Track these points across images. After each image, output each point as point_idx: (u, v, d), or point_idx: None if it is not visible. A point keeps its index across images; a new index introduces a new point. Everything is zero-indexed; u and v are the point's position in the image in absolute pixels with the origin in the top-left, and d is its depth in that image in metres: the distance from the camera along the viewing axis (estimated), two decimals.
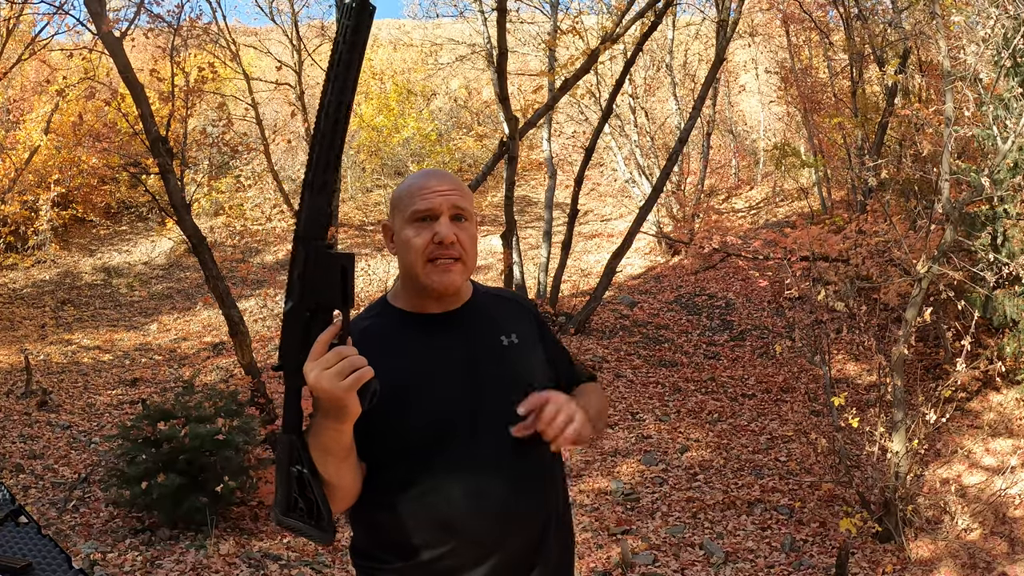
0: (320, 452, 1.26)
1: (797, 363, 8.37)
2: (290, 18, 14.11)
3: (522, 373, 1.47)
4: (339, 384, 1.18)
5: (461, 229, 1.41)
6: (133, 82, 6.06)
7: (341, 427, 1.24)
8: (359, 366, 1.19)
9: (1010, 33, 6.38)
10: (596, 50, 8.32)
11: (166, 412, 5.29)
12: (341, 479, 1.30)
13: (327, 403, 1.20)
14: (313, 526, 1.27)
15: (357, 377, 1.19)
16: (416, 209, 1.40)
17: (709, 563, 5.02)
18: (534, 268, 11.98)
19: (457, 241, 1.40)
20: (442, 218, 1.40)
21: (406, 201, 1.43)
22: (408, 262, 1.42)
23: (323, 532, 1.27)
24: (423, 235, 1.39)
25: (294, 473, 1.27)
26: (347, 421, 1.23)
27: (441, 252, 1.39)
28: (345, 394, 1.19)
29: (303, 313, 1.22)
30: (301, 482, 1.27)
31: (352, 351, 1.21)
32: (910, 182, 8.97)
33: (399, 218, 1.44)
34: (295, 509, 1.29)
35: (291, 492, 1.28)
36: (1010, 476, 5.78)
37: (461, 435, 1.38)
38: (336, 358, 1.19)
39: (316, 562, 4.77)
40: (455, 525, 1.36)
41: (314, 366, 1.19)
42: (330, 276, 1.21)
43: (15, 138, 12.61)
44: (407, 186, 1.45)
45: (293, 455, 1.27)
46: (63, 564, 2.10)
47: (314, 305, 1.22)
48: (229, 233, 14.46)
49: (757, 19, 14.80)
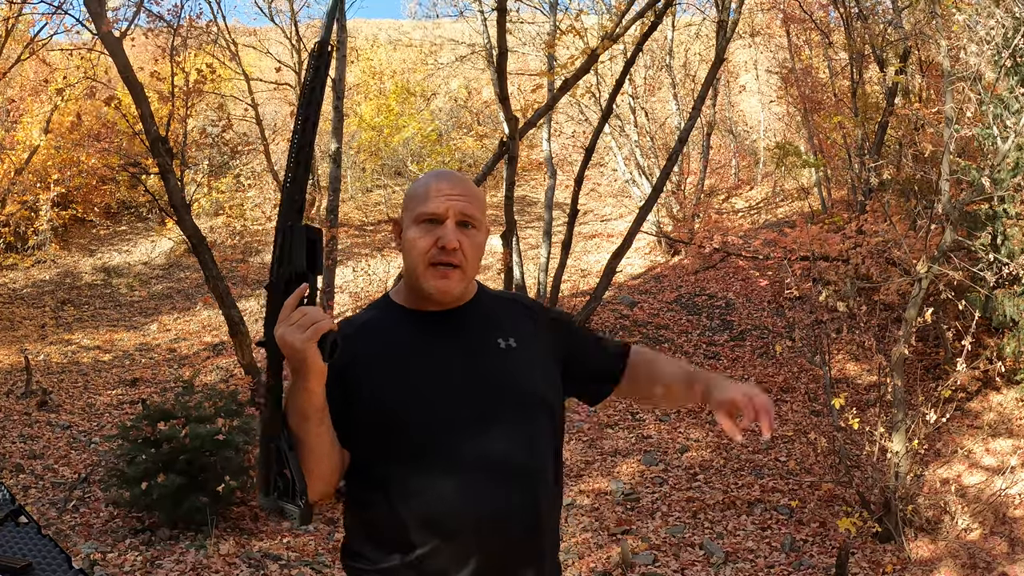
0: (297, 417, 1.29)
1: (797, 363, 8.37)
2: (289, 18, 14.13)
3: (517, 376, 1.47)
4: (299, 336, 1.23)
5: (466, 236, 1.42)
6: (133, 82, 6.06)
7: (309, 386, 1.27)
8: (318, 319, 1.24)
9: (1010, 33, 6.37)
10: (596, 50, 8.32)
11: (166, 412, 5.28)
12: (321, 444, 1.32)
13: (291, 358, 1.25)
14: (289, 502, 1.29)
15: (316, 328, 1.23)
16: (423, 211, 1.41)
17: (709, 563, 5.02)
18: (534, 268, 11.98)
19: (460, 248, 1.40)
20: (448, 223, 1.40)
21: (415, 201, 1.44)
22: (410, 262, 1.43)
23: (298, 509, 1.29)
24: (427, 238, 1.40)
25: (272, 448, 1.30)
26: (313, 377, 1.26)
27: (442, 257, 1.40)
28: (305, 346, 1.23)
29: (280, 286, 1.29)
30: (279, 457, 1.30)
31: (314, 308, 1.26)
32: (910, 182, 8.97)
33: (407, 217, 1.45)
34: (275, 488, 1.31)
35: (270, 468, 1.31)
36: (1010, 476, 5.78)
37: (452, 434, 1.38)
38: (299, 315, 1.25)
39: (316, 562, 4.77)
40: (444, 525, 1.35)
41: (279, 325, 1.26)
42: (300, 249, 1.30)
43: (15, 138, 12.61)
44: (420, 185, 1.46)
45: (269, 428, 1.31)
46: (63, 564, 2.10)
47: (288, 276, 1.29)
48: (229, 233, 14.46)
49: (758, 19, 14.80)
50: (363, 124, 15.58)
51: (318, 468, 1.33)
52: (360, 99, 16.20)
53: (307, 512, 1.30)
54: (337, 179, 9.66)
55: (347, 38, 9.40)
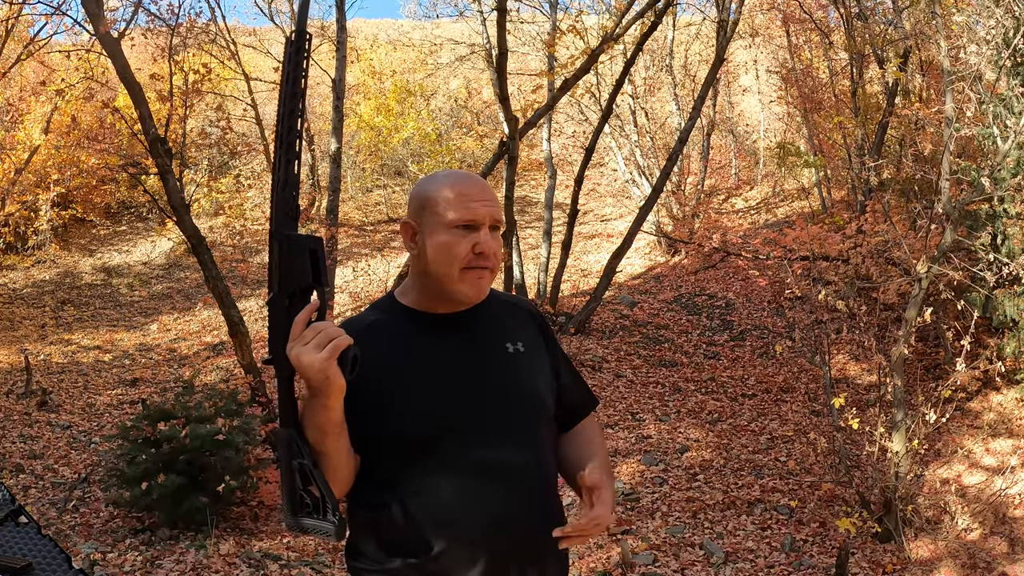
0: (316, 432, 1.28)
1: (797, 363, 8.37)
2: (289, 18, 14.12)
3: (524, 381, 1.48)
4: (318, 356, 1.21)
5: (494, 239, 1.44)
6: (131, 83, 6.05)
7: (329, 403, 1.25)
8: (335, 336, 1.22)
9: (1010, 33, 6.37)
10: (596, 50, 8.32)
11: (166, 412, 5.28)
12: (339, 455, 1.32)
13: (311, 379, 1.23)
14: (322, 520, 1.28)
15: (334, 346, 1.21)
16: (460, 217, 1.40)
17: (709, 563, 5.02)
18: (534, 268, 11.98)
19: (491, 252, 1.42)
20: (483, 229, 1.41)
21: (445, 205, 1.41)
22: (440, 266, 1.41)
23: (332, 525, 1.27)
24: (463, 244, 1.40)
25: (295, 467, 1.28)
26: (334, 395, 1.24)
27: (479, 262, 1.41)
28: (325, 365, 1.21)
29: (283, 301, 1.26)
30: (304, 476, 1.28)
31: (328, 324, 1.24)
32: (910, 182, 8.97)
33: (433, 221, 1.42)
34: (302, 507, 1.29)
35: (295, 489, 1.29)
36: (1010, 476, 5.78)
37: (459, 437, 1.38)
38: (313, 333, 1.22)
39: (316, 562, 4.77)
40: (450, 526, 1.36)
41: (293, 345, 1.23)
42: (302, 261, 1.26)
43: (15, 138, 12.61)
44: (443, 188, 1.43)
45: (293, 449, 1.28)
46: (63, 564, 2.09)
47: (292, 291, 1.26)
48: (229, 233, 14.46)
49: (758, 20, 14.79)
50: (363, 124, 15.57)
51: (336, 477, 1.33)
52: (360, 99, 16.20)
53: (341, 527, 1.28)
54: (337, 179, 9.67)
55: (347, 38, 9.39)
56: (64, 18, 13.57)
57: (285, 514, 1.32)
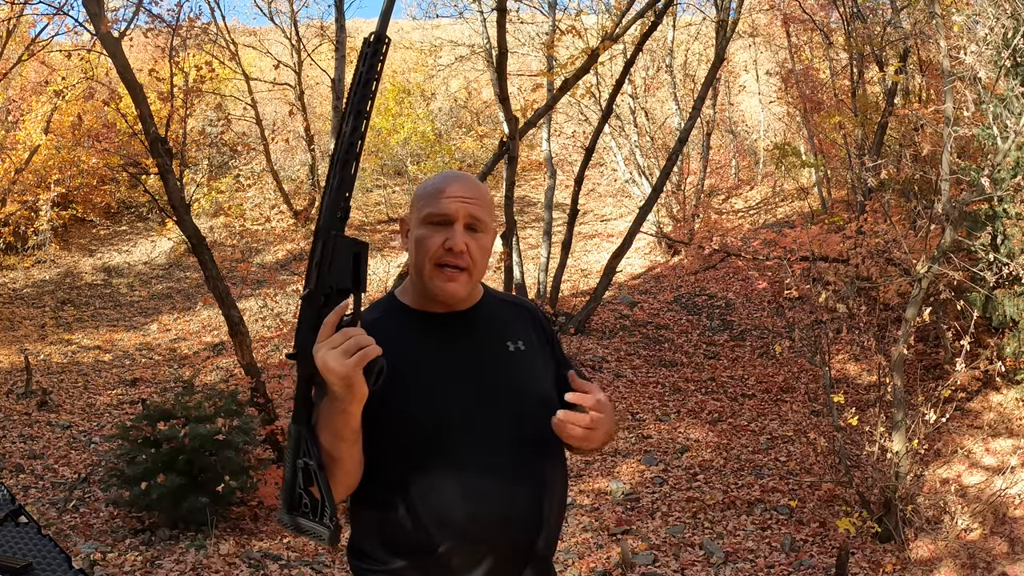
0: (331, 437, 1.27)
1: (797, 363, 8.37)
2: (289, 18, 14.13)
3: (526, 380, 1.47)
4: (345, 363, 1.19)
5: (473, 239, 1.41)
6: (132, 82, 6.04)
7: (349, 409, 1.24)
8: (365, 344, 1.20)
9: (1010, 33, 6.37)
10: (596, 50, 8.32)
11: (166, 412, 5.28)
12: (352, 462, 1.31)
13: (335, 384, 1.21)
14: (318, 523, 1.27)
15: (363, 355, 1.19)
16: (432, 212, 1.41)
17: (709, 563, 5.02)
18: (534, 268, 11.98)
19: (467, 251, 1.40)
20: (456, 225, 1.40)
21: (424, 201, 1.43)
22: (417, 262, 1.42)
23: (328, 530, 1.26)
24: (435, 239, 1.40)
25: (300, 466, 1.27)
26: (355, 403, 1.23)
27: (450, 259, 1.40)
28: (351, 372, 1.19)
29: (318, 298, 1.25)
30: (307, 476, 1.27)
31: (359, 331, 1.21)
32: (910, 182, 8.97)
33: (414, 217, 1.44)
34: (299, 506, 1.28)
35: (296, 487, 1.28)
36: (1010, 476, 5.78)
37: (461, 436, 1.38)
38: (342, 338, 1.20)
39: (316, 562, 4.77)
40: (452, 525, 1.35)
41: (320, 346, 1.21)
42: (344, 262, 1.26)
43: (15, 138, 12.61)
44: (431, 185, 1.45)
45: (300, 447, 1.27)
46: (63, 564, 2.09)
47: (328, 290, 1.25)
48: (229, 233, 14.45)
49: (758, 20, 14.80)
50: None
51: (345, 481, 1.33)
52: None
53: (336, 534, 1.27)
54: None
55: (346, 38, 9.40)
56: (66, 19, 13.55)
57: (281, 510, 1.31)
